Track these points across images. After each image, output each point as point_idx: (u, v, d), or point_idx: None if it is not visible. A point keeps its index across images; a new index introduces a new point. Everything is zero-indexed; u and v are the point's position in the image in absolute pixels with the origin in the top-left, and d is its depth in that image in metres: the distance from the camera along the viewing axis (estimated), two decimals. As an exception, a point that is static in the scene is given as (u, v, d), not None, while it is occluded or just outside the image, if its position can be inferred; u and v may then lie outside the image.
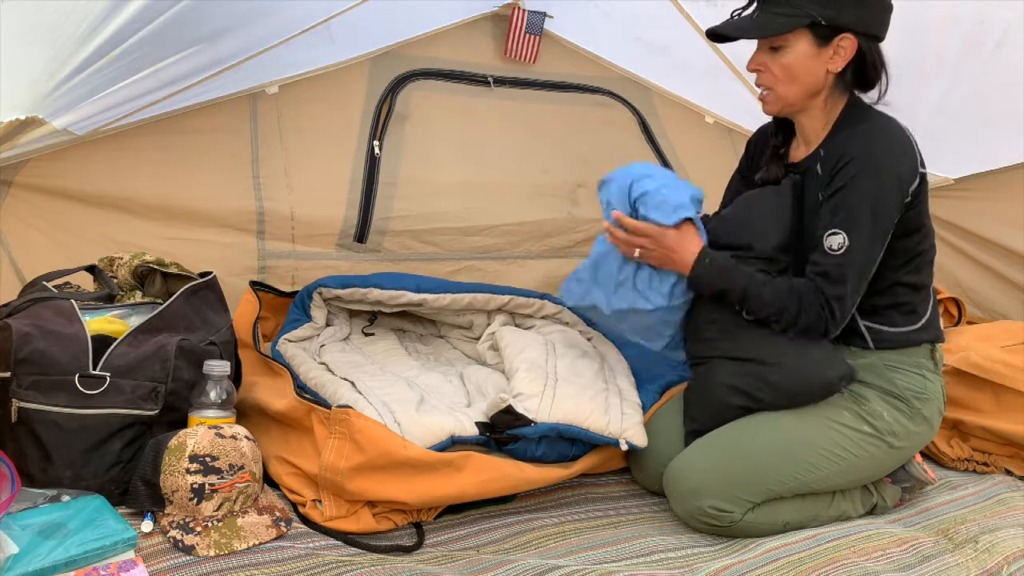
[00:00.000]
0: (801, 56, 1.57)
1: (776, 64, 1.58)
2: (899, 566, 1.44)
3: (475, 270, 2.53)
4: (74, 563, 1.17)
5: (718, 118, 3.05)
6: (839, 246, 1.53)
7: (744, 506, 1.53)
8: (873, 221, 1.53)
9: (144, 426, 1.45)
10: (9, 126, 1.66)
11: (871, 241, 1.54)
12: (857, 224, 1.53)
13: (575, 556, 1.43)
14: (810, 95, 1.62)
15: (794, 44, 1.56)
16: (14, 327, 1.38)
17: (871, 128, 1.58)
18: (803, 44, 1.56)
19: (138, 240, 2.01)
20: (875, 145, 1.54)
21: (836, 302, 1.55)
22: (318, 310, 2.03)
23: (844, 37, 1.56)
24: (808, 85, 1.60)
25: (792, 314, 1.57)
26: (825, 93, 1.62)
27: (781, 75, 1.59)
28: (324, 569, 1.26)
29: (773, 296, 1.59)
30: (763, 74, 1.61)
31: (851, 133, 1.58)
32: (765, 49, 1.60)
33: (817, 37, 1.56)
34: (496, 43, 2.64)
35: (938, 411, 1.66)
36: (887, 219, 1.54)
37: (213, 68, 2.03)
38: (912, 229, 1.60)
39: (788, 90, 1.60)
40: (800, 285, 1.59)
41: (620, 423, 1.62)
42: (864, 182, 1.52)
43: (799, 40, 1.56)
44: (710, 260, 1.62)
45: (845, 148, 1.56)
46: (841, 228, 1.53)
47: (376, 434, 1.40)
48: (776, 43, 1.57)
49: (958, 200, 2.83)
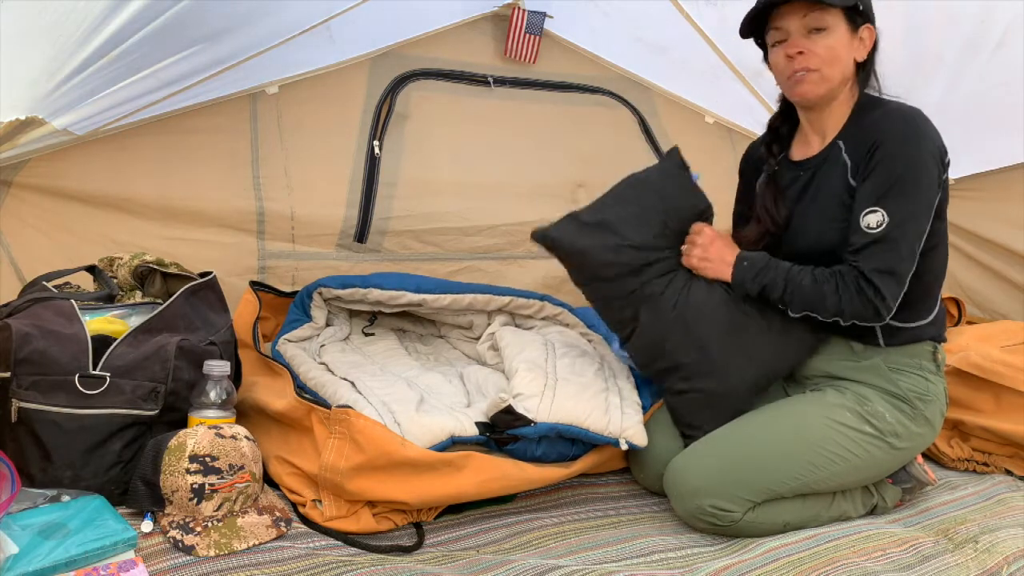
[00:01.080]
0: (843, 39, 1.58)
1: (820, 46, 1.57)
2: (899, 566, 1.43)
3: (475, 270, 2.53)
4: (74, 563, 1.17)
5: (718, 118, 3.05)
6: (877, 224, 1.51)
7: (745, 506, 1.53)
8: (916, 192, 1.52)
9: (144, 426, 1.45)
10: (9, 126, 1.66)
11: (915, 213, 1.52)
12: (898, 197, 1.51)
13: (575, 556, 1.43)
14: (843, 81, 1.62)
15: (835, 26, 1.57)
16: (14, 327, 1.38)
17: (896, 109, 1.58)
18: (842, 27, 1.58)
19: (138, 240, 2.01)
20: (906, 122, 1.55)
21: (879, 276, 1.51)
22: (318, 310, 2.03)
23: (867, 27, 1.60)
24: (846, 70, 1.61)
25: (833, 299, 1.55)
26: (850, 82, 1.64)
27: (827, 55, 1.58)
28: (324, 569, 1.26)
29: (812, 284, 1.56)
30: (805, 56, 1.58)
31: (876, 117, 1.58)
32: (804, 33, 1.58)
33: (850, 23, 1.58)
34: (496, 43, 2.64)
35: (940, 412, 1.66)
36: (930, 190, 1.53)
37: (213, 68, 2.03)
38: (938, 213, 1.59)
39: (833, 71, 1.59)
40: (838, 268, 1.57)
41: (620, 423, 1.62)
42: (903, 155, 1.52)
43: (839, 23, 1.57)
44: (748, 262, 1.63)
45: (875, 131, 1.56)
46: (879, 206, 1.52)
47: (376, 434, 1.40)
48: (820, 24, 1.56)
49: (958, 200, 2.80)
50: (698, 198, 1.74)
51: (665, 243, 1.69)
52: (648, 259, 1.66)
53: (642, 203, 1.69)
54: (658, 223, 1.68)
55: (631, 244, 1.65)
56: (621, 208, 1.69)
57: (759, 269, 1.62)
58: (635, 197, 1.71)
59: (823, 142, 1.68)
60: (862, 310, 1.54)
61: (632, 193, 1.72)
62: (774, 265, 1.62)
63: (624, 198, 1.71)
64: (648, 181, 1.74)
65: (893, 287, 1.53)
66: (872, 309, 1.53)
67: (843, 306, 1.55)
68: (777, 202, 1.71)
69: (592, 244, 1.66)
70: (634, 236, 1.65)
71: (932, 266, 1.63)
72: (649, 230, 1.67)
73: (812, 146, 1.70)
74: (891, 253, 1.51)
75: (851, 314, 1.56)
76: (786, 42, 1.60)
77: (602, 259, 1.66)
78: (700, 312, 1.65)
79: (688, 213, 1.71)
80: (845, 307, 1.55)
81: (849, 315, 1.56)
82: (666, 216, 1.69)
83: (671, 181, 1.73)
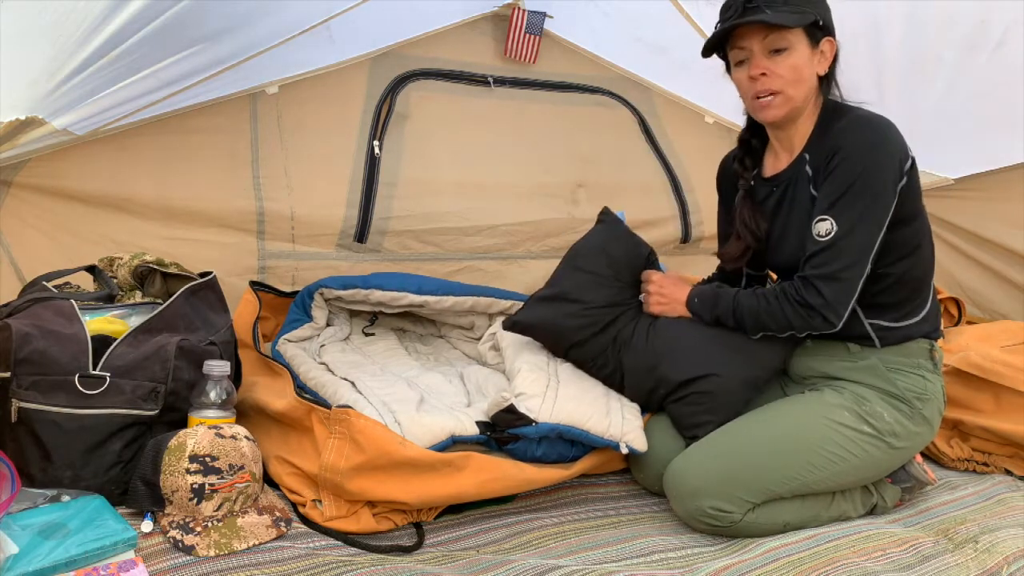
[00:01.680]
0: (804, 56, 1.58)
1: (782, 66, 1.57)
2: (899, 566, 1.43)
3: (475, 270, 2.53)
4: (74, 563, 1.17)
5: (718, 118, 3.05)
6: (826, 232, 1.53)
7: (744, 506, 1.53)
8: (866, 198, 1.52)
9: (144, 426, 1.45)
10: (9, 126, 1.66)
11: (865, 220, 1.52)
12: (848, 204, 1.52)
13: (575, 556, 1.43)
14: (807, 98, 1.62)
15: (796, 45, 1.57)
16: (14, 327, 1.38)
17: (855, 118, 1.58)
18: (803, 45, 1.58)
19: (138, 240, 2.01)
20: (861, 131, 1.55)
21: (823, 282, 1.54)
22: (319, 310, 2.03)
23: (827, 40, 1.61)
24: (809, 87, 1.61)
25: (779, 315, 1.59)
26: (813, 96, 1.64)
27: (789, 76, 1.58)
28: (324, 569, 1.26)
29: (756, 306, 1.62)
30: (768, 78, 1.58)
31: (837, 129, 1.58)
32: (766, 54, 1.58)
33: (811, 39, 1.59)
34: (496, 43, 2.64)
35: (938, 411, 1.66)
36: (884, 196, 1.52)
37: (213, 68, 2.03)
38: (908, 217, 1.59)
39: (797, 91, 1.59)
40: (782, 284, 1.61)
41: (621, 426, 1.63)
42: (853, 163, 1.52)
43: (800, 41, 1.57)
44: (698, 299, 1.72)
45: (834, 142, 1.56)
46: (828, 214, 1.54)
47: (376, 434, 1.40)
48: (781, 44, 1.57)
49: (958, 200, 2.83)
50: (639, 245, 1.85)
51: (622, 297, 1.80)
52: (613, 315, 1.77)
53: (592, 268, 1.80)
54: (611, 280, 1.79)
55: (593, 305, 1.76)
56: (574, 278, 1.80)
57: (709, 303, 1.70)
58: (584, 264, 1.81)
59: (791, 156, 1.69)
60: (808, 320, 1.57)
61: (580, 262, 1.83)
62: (723, 295, 1.69)
63: (574, 267, 1.82)
64: (591, 246, 1.85)
65: (839, 292, 1.54)
66: (819, 317, 1.56)
67: (789, 319, 1.59)
68: (755, 217, 1.73)
69: (557, 314, 1.77)
70: (594, 298, 1.77)
71: (918, 265, 1.64)
72: (606, 291, 1.78)
73: (782, 161, 1.71)
74: (836, 260, 1.53)
75: (800, 326, 1.60)
76: (748, 62, 1.60)
77: (570, 324, 1.76)
78: (675, 330, 1.73)
79: (636, 262, 1.83)
80: (792, 320, 1.59)
81: (799, 327, 1.60)
82: (616, 272, 1.80)
83: (611, 239, 1.85)
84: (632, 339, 1.75)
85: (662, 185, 2.89)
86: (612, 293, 1.78)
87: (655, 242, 2.83)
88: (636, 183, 2.84)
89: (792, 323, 1.59)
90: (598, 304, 1.76)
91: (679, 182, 2.91)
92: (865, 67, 1.76)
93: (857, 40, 1.64)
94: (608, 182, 2.78)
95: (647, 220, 2.82)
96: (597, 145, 2.79)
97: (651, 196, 2.86)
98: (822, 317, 1.56)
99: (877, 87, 1.74)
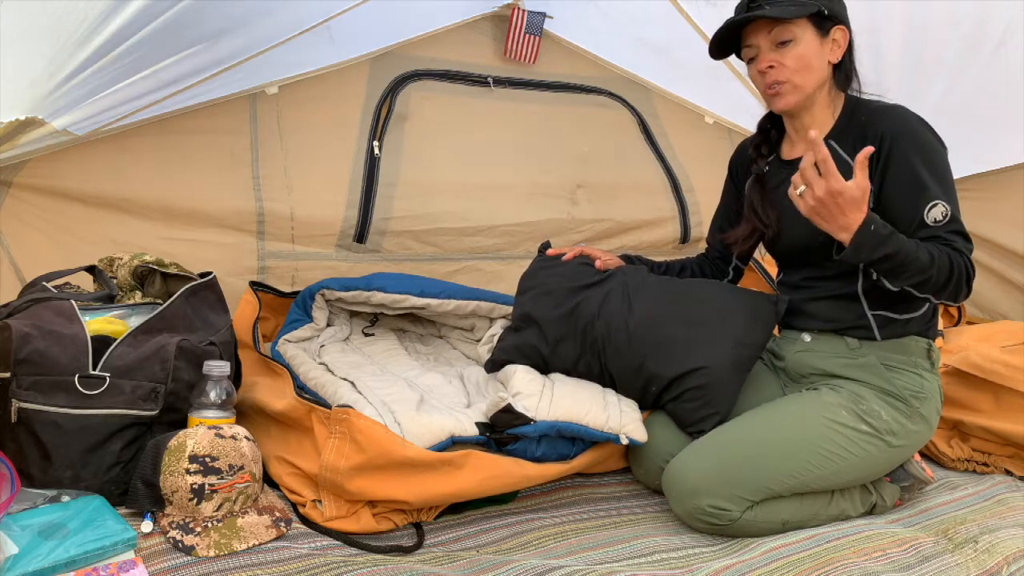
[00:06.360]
0: (812, 46, 1.62)
1: (788, 57, 1.62)
2: (899, 566, 1.43)
3: (475, 270, 2.53)
4: (74, 563, 1.17)
5: (718, 118, 3.05)
6: (943, 215, 1.54)
7: (743, 505, 1.53)
8: (947, 174, 1.57)
9: (144, 426, 1.45)
10: (9, 126, 1.66)
11: (954, 193, 1.57)
12: (945, 188, 1.55)
13: (575, 556, 1.43)
14: (819, 86, 1.66)
15: (801, 36, 1.61)
16: (14, 327, 1.38)
17: (891, 108, 1.63)
18: (809, 34, 1.62)
19: (138, 240, 2.01)
20: (910, 121, 1.59)
21: (963, 240, 1.55)
22: (319, 311, 2.02)
23: (838, 28, 1.64)
24: (819, 75, 1.65)
25: (945, 273, 1.50)
26: (828, 85, 1.68)
27: (796, 66, 1.62)
28: (324, 569, 1.26)
29: (929, 258, 1.48)
30: (776, 70, 1.64)
31: (874, 116, 1.62)
32: (772, 47, 1.63)
33: (818, 29, 1.62)
34: (496, 43, 2.64)
35: (936, 410, 1.66)
36: (950, 168, 1.59)
37: (213, 68, 2.03)
38: None
39: (805, 79, 1.63)
40: (948, 249, 1.53)
41: (619, 419, 1.63)
42: (927, 150, 1.56)
43: (805, 31, 1.61)
44: (874, 226, 1.45)
45: (877, 128, 1.59)
46: (936, 198, 1.54)
47: (376, 434, 1.40)
48: (785, 36, 1.61)
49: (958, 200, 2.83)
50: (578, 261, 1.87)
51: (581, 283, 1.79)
52: (575, 300, 1.76)
53: (543, 287, 1.81)
54: (564, 291, 1.78)
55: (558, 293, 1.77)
56: (529, 300, 1.81)
57: (887, 233, 1.47)
58: (535, 284, 1.83)
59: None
60: (960, 289, 1.53)
61: (526, 284, 1.85)
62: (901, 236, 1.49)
63: (526, 291, 1.83)
64: (533, 273, 1.87)
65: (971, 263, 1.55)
66: (966, 289, 1.55)
67: (951, 285, 1.51)
68: (764, 203, 1.77)
69: (524, 340, 1.75)
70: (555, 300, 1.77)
71: None
72: (560, 293, 1.78)
73: (797, 148, 1.75)
74: (963, 235, 1.55)
75: (951, 292, 1.53)
76: (758, 58, 1.66)
77: (547, 317, 1.75)
78: (648, 322, 1.71)
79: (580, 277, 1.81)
80: (971, 272, 1.54)
81: (949, 293, 1.54)
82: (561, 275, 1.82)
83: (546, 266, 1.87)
84: (611, 335, 1.70)
85: (661, 185, 2.89)
86: (565, 292, 1.78)
87: (655, 242, 2.85)
88: (635, 183, 2.84)
89: (971, 275, 1.54)
90: (562, 290, 1.77)
91: (678, 182, 2.91)
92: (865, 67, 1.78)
93: (857, 40, 1.67)
94: (607, 182, 2.79)
95: (646, 220, 2.82)
96: (597, 145, 2.79)
97: (650, 196, 2.86)
98: (968, 291, 1.55)
99: (877, 87, 1.76)
